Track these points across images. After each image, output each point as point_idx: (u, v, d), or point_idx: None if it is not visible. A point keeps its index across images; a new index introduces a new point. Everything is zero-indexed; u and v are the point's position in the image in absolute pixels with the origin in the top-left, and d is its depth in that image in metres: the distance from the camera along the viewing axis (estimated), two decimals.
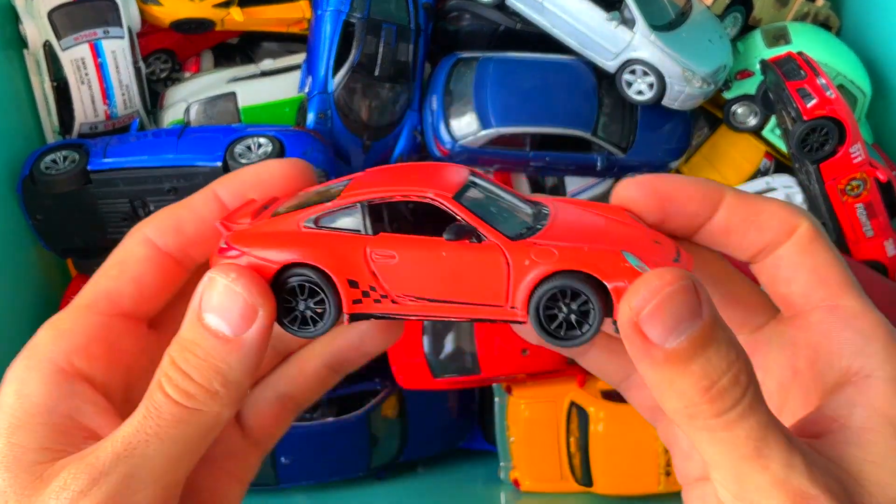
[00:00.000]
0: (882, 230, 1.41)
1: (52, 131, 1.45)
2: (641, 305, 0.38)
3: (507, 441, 1.43)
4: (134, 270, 0.48)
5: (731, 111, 1.56)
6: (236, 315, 0.42)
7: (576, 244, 0.43)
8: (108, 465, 0.40)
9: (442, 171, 0.48)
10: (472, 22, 1.55)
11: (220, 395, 0.42)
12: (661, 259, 0.42)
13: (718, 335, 0.38)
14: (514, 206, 0.47)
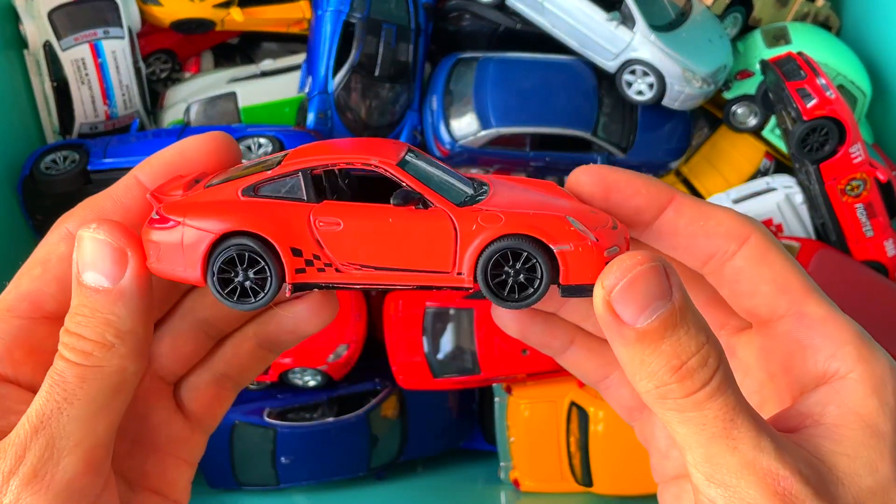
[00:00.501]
0: (882, 230, 1.41)
1: (52, 131, 1.45)
2: (613, 284, 0.39)
3: (507, 441, 1.43)
4: (57, 269, 0.46)
5: (731, 111, 1.56)
6: (108, 264, 0.42)
7: (521, 210, 0.43)
8: (27, 440, 0.41)
9: (381, 144, 0.47)
10: (472, 22, 1.55)
11: (116, 346, 0.42)
12: (600, 226, 0.43)
13: (688, 317, 0.39)
14: (454, 177, 0.47)
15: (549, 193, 0.47)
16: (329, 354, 1.41)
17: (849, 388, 0.42)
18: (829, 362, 0.43)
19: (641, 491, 1.36)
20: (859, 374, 0.42)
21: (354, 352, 1.44)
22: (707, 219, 0.46)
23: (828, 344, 0.43)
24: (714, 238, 0.46)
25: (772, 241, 0.46)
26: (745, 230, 0.45)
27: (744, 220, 0.46)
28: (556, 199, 0.46)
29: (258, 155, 1.32)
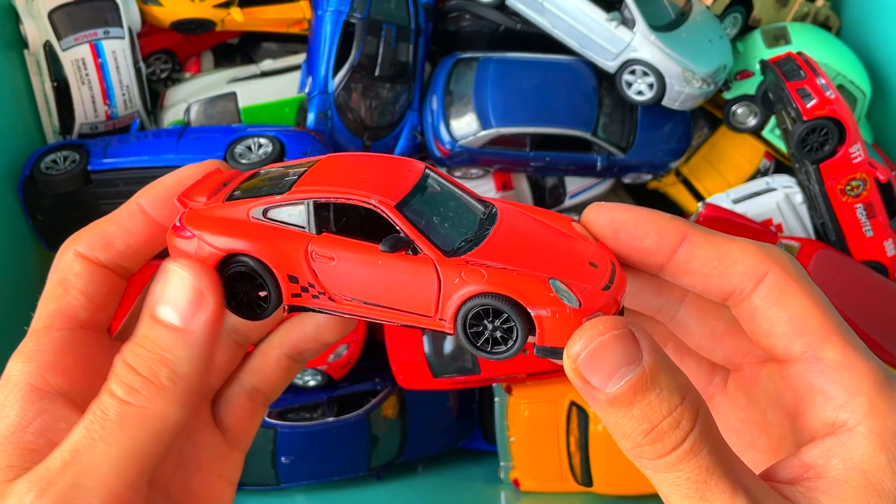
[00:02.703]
0: (882, 230, 1.41)
1: (53, 131, 1.45)
2: (578, 353, 0.40)
3: (507, 441, 1.43)
4: (78, 284, 0.48)
5: (731, 111, 1.56)
6: (185, 303, 0.42)
7: (506, 265, 0.43)
8: (55, 475, 0.40)
9: (396, 169, 0.47)
10: (472, 22, 1.56)
11: (167, 389, 0.42)
12: (590, 285, 0.43)
13: (660, 380, 0.39)
14: (462, 211, 0.47)
15: (556, 235, 0.47)
16: (329, 354, 1.41)
17: (855, 442, 0.40)
18: (838, 412, 0.41)
19: (641, 491, 1.36)
20: (868, 428, 0.40)
21: (354, 352, 1.44)
22: (722, 258, 0.44)
23: (840, 393, 0.42)
24: (730, 277, 0.44)
25: (793, 277, 0.44)
26: (761, 267, 0.44)
27: (761, 255, 0.44)
28: (560, 244, 0.46)
29: (258, 155, 1.32)
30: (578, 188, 1.61)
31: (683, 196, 1.63)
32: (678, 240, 0.45)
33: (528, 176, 1.59)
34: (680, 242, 0.45)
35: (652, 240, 0.45)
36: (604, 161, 1.51)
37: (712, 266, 0.44)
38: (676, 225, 0.45)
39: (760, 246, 0.44)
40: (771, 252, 0.44)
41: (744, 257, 0.44)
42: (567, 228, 0.47)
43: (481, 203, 0.48)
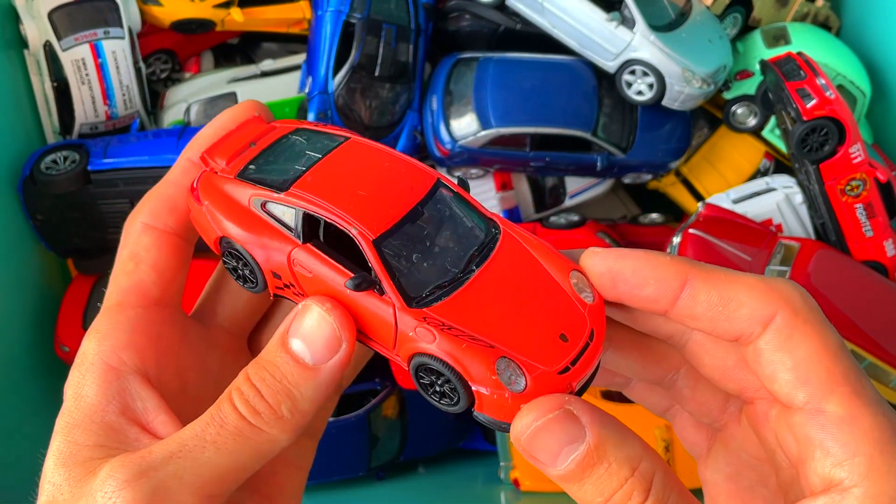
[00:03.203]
0: (882, 230, 1.41)
1: (53, 131, 1.45)
2: (520, 434, 0.40)
3: (508, 441, 1.43)
4: (148, 258, 0.49)
5: (731, 111, 1.56)
6: (321, 344, 0.43)
7: (463, 330, 0.42)
8: (158, 462, 0.41)
9: (401, 184, 0.46)
10: (472, 22, 1.56)
11: (286, 420, 0.43)
12: (546, 367, 0.42)
13: (608, 454, 0.39)
14: (454, 243, 0.45)
15: (540, 290, 0.44)
16: None
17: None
18: (835, 469, 0.40)
19: None
20: (864, 491, 0.38)
21: None
22: (726, 302, 0.42)
23: (839, 450, 0.40)
24: (736, 322, 0.42)
25: (802, 318, 0.41)
26: (768, 309, 0.42)
27: (768, 295, 0.42)
28: (537, 305, 0.44)
29: None
30: (578, 188, 1.61)
31: (683, 196, 1.63)
32: (679, 285, 0.43)
33: (528, 176, 1.59)
34: (681, 288, 0.43)
35: (652, 288, 0.43)
36: (604, 161, 1.51)
37: (717, 311, 0.42)
38: (676, 269, 0.43)
39: (768, 283, 0.42)
40: (780, 290, 0.42)
41: (749, 300, 0.42)
42: (562, 276, 0.45)
43: (487, 225, 0.47)
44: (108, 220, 1.38)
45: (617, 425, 0.40)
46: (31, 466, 1.36)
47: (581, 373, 0.43)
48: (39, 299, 1.43)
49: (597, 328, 0.44)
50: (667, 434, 1.33)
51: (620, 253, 0.44)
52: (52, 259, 1.47)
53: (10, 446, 1.26)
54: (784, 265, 1.33)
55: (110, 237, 1.40)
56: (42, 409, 1.39)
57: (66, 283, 1.47)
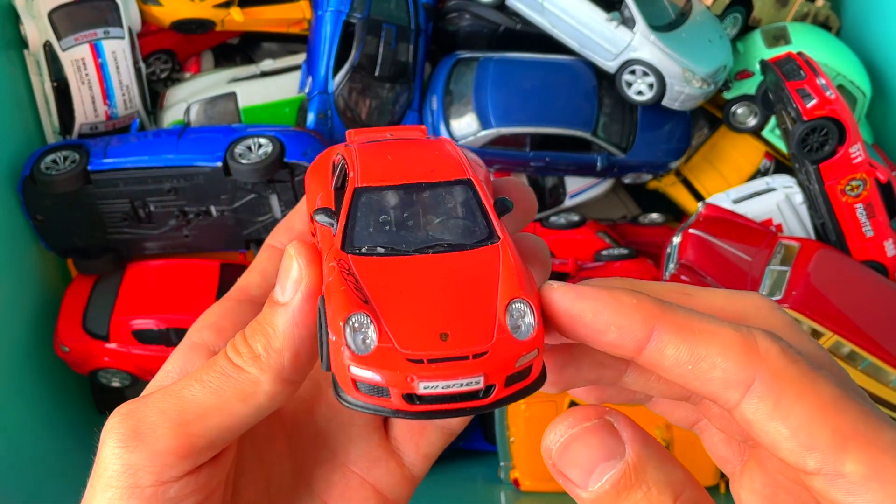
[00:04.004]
0: (882, 230, 1.41)
1: (53, 131, 1.45)
2: (552, 444, 0.36)
3: (507, 441, 1.43)
4: (259, 266, 0.53)
5: (731, 111, 1.56)
6: (288, 281, 0.44)
7: (353, 284, 0.41)
8: (149, 398, 0.43)
9: (429, 167, 0.46)
10: (472, 22, 1.56)
11: (262, 359, 0.43)
12: (401, 346, 0.38)
13: (648, 476, 0.35)
14: (430, 229, 0.44)
15: (469, 302, 0.41)
16: None
17: None
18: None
19: None
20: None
21: None
22: (697, 360, 0.37)
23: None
24: (709, 384, 0.37)
25: (786, 379, 0.36)
26: (745, 373, 0.36)
27: (744, 356, 0.36)
28: (445, 308, 0.40)
29: (258, 155, 1.32)
30: (578, 188, 1.61)
31: (683, 196, 1.63)
32: (644, 335, 0.38)
33: (528, 176, 1.59)
34: (647, 338, 0.38)
35: (614, 335, 0.38)
36: (604, 161, 1.51)
37: (686, 369, 0.37)
38: (642, 316, 0.38)
39: (743, 338, 0.37)
40: (755, 346, 0.36)
41: (723, 361, 0.36)
42: (506, 302, 0.41)
43: (486, 235, 0.44)
44: (108, 220, 1.38)
45: (659, 447, 0.36)
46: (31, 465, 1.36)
47: (434, 376, 0.38)
48: (39, 299, 1.43)
49: (503, 364, 0.38)
50: (667, 434, 1.33)
51: (580, 292, 0.39)
52: (52, 259, 1.47)
53: (10, 446, 1.26)
54: (784, 265, 1.33)
55: (110, 237, 1.40)
56: (42, 409, 1.39)
57: (66, 283, 1.47)
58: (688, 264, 1.34)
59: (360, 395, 0.39)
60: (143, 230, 1.40)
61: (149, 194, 1.35)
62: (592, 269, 1.49)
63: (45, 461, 1.33)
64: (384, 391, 0.38)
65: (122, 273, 1.43)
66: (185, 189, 1.34)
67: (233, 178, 1.33)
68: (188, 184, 1.34)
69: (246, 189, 1.35)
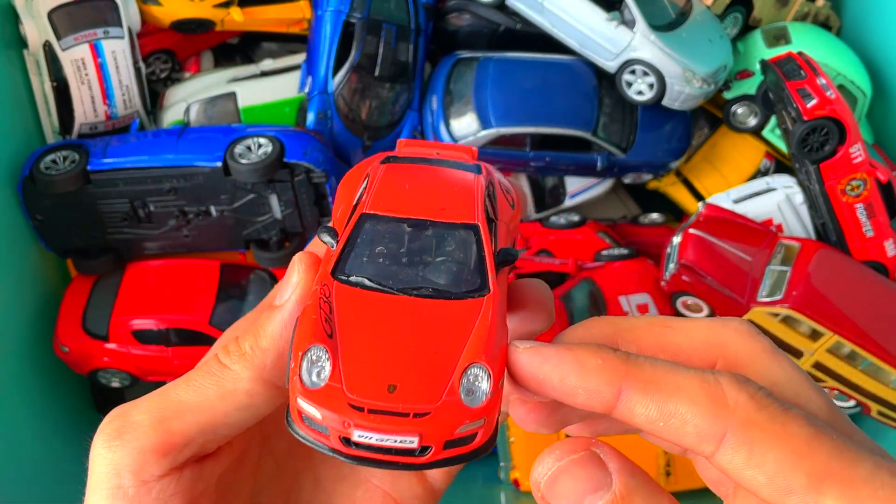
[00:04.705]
0: (882, 230, 1.41)
1: (52, 131, 1.45)
2: (540, 477, 0.36)
3: (507, 441, 1.43)
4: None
5: (731, 111, 1.55)
6: (284, 285, 0.45)
7: (326, 315, 0.41)
8: (141, 398, 0.44)
9: (441, 204, 0.45)
10: (472, 22, 1.55)
11: (247, 356, 0.44)
12: (348, 389, 0.38)
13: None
14: (422, 270, 0.43)
15: (431, 357, 0.40)
16: None
17: None
18: None
19: None
20: None
21: None
22: (668, 417, 0.37)
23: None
24: (683, 438, 0.37)
25: (758, 427, 0.36)
26: (716, 427, 0.36)
27: (711, 410, 0.36)
28: (405, 360, 0.40)
29: (258, 155, 1.32)
30: (578, 188, 1.61)
31: (683, 196, 1.63)
32: (612, 396, 0.38)
33: (528, 176, 1.59)
34: (616, 398, 0.38)
35: (582, 397, 0.38)
36: (604, 161, 1.50)
37: (657, 426, 0.38)
38: (607, 377, 0.38)
39: (711, 387, 0.37)
40: (725, 398, 0.37)
41: (692, 416, 0.36)
42: (464, 365, 0.40)
43: (477, 286, 0.43)
44: (108, 220, 1.38)
45: (646, 477, 0.37)
46: (30, 464, 1.36)
47: (370, 428, 0.38)
48: (39, 299, 1.43)
49: (443, 429, 0.38)
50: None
51: (545, 356, 0.39)
52: (52, 259, 1.47)
53: (10, 445, 1.25)
54: (784, 265, 1.33)
55: (110, 237, 1.40)
56: (42, 409, 1.39)
57: (66, 283, 1.47)
58: (688, 264, 1.34)
59: (303, 426, 0.39)
60: (142, 230, 1.40)
61: (149, 194, 1.35)
62: (592, 269, 1.49)
63: (44, 461, 1.33)
64: (324, 429, 0.39)
65: (122, 273, 1.43)
66: (185, 189, 1.34)
67: (233, 178, 1.33)
68: (188, 184, 1.34)
69: (246, 189, 1.35)
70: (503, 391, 0.40)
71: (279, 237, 1.42)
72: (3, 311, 1.32)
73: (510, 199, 0.49)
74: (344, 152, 1.48)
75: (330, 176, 1.34)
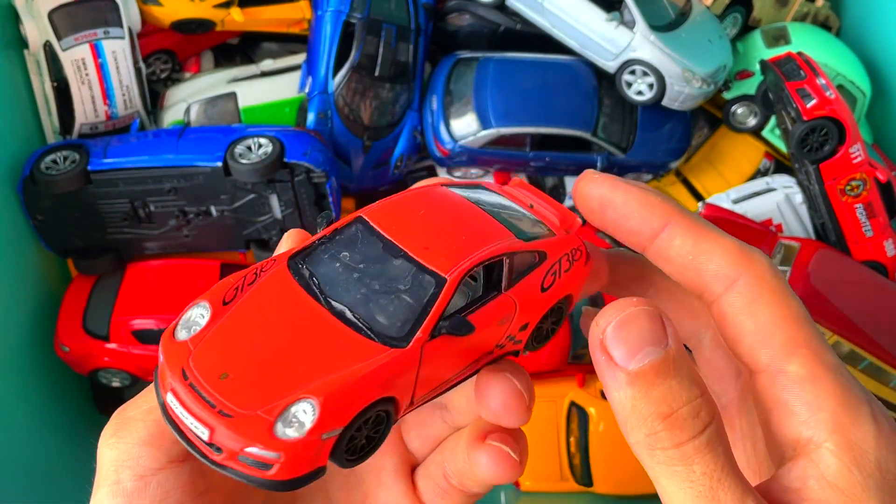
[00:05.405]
0: (882, 230, 1.41)
1: (53, 131, 1.45)
2: (607, 322, 0.39)
3: None
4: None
5: (731, 111, 1.56)
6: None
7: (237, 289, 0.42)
8: (140, 394, 0.45)
9: (433, 240, 0.42)
10: (472, 22, 1.56)
11: None
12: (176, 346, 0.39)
13: (682, 370, 0.38)
14: (366, 289, 0.41)
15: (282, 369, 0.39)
16: None
17: (826, 460, 0.39)
18: (801, 428, 0.40)
19: (641, 491, 1.36)
20: (835, 444, 0.39)
21: None
22: (698, 253, 0.43)
23: (803, 409, 0.40)
24: (702, 274, 0.43)
25: (766, 285, 0.42)
26: (735, 270, 0.42)
27: (738, 257, 0.42)
28: (257, 362, 0.39)
29: (258, 155, 1.32)
30: None
31: (683, 196, 1.63)
32: (660, 224, 0.44)
33: (528, 176, 1.59)
34: (662, 227, 0.44)
35: (636, 221, 0.44)
36: (604, 161, 1.51)
37: (687, 259, 0.43)
38: (662, 209, 0.44)
39: (741, 247, 0.43)
40: (750, 255, 0.43)
41: (719, 257, 0.43)
42: (298, 394, 0.38)
43: (400, 330, 0.41)
44: (108, 220, 1.38)
45: (685, 349, 0.40)
46: (31, 464, 1.36)
47: (178, 396, 0.38)
48: (39, 299, 1.43)
49: (234, 438, 0.36)
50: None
51: (615, 183, 0.45)
52: (52, 259, 1.47)
53: (10, 445, 1.26)
54: (784, 265, 1.33)
55: (110, 237, 1.40)
56: (42, 409, 1.39)
57: (66, 283, 1.47)
58: None
59: (157, 368, 0.40)
60: (143, 230, 1.40)
61: (149, 194, 1.35)
62: None
63: (45, 461, 1.33)
64: (160, 379, 0.39)
65: (122, 273, 1.43)
66: (185, 189, 1.34)
67: (233, 178, 1.33)
68: (188, 184, 1.34)
69: (246, 189, 1.35)
70: (327, 444, 0.37)
71: (279, 237, 1.42)
72: (4, 311, 1.32)
73: (561, 287, 0.46)
74: (344, 152, 1.48)
75: (330, 176, 1.34)
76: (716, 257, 0.43)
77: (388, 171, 1.53)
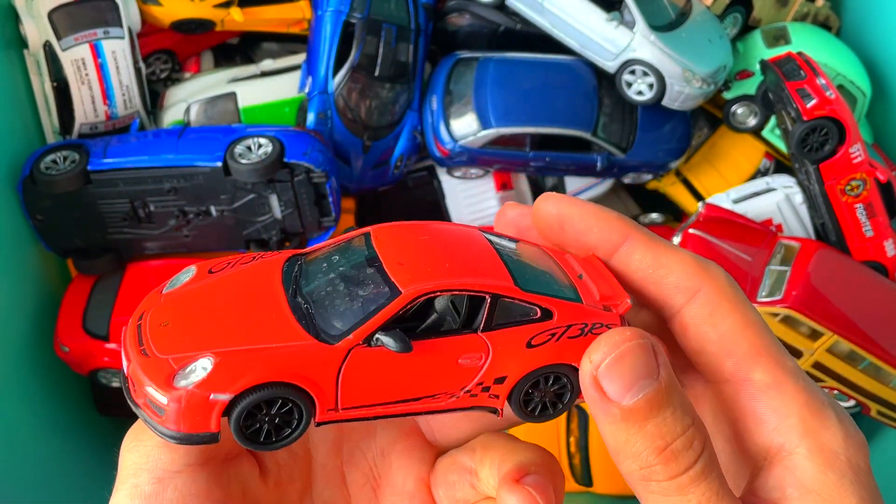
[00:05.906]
0: (882, 230, 1.41)
1: (52, 131, 1.45)
2: (601, 359, 0.39)
3: None
4: None
5: (731, 111, 1.56)
6: None
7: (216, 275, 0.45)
8: None
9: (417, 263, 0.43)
10: (472, 22, 1.56)
11: None
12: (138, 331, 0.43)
13: (674, 398, 0.39)
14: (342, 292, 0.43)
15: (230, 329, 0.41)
16: None
17: (801, 466, 0.40)
18: (772, 436, 0.41)
19: None
20: (807, 449, 0.40)
21: None
22: (657, 267, 0.44)
23: (771, 416, 0.41)
24: (662, 287, 0.44)
25: (725, 296, 0.43)
26: (694, 282, 0.43)
27: (696, 270, 0.43)
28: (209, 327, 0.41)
29: (258, 155, 1.32)
30: (578, 188, 1.61)
31: (683, 196, 1.63)
32: (620, 238, 0.45)
33: (528, 176, 1.59)
34: (622, 241, 0.45)
35: (595, 236, 0.45)
36: (604, 161, 1.51)
37: (647, 272, 0.44)
38: (620, 224, 0.45)
39: (698, 261, 0.44)
40: (707, 268, 0.44)
41: (679, 270, 0.43)
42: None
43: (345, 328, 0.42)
44: (108, 220, 1.38)
45: (673, 375, 0.40)
46: (30, 465, 1.36)
47: (127, 327, 0.42)
48: (39, 299, 1.43)
49: (138, 373, 0.40)
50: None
51: (572, 200, 0.46)
52: (52, 259, 1.47)
53: (10, 445, 1.26)
54: (784, 265, 1.33)
55: (110, 237, 1.40)
56: (42, 409, 1.39)
57: (66, 283, 1.47)
58: None
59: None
60: (143, 230, 1.40)
61: (149, 194, 1.35)
62: None
63: (44, 461, 1.33)
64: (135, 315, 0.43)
65: (122, 273, 1.43)
66: (185, 189, 1.34)
67: (233, 178, 1.33)
68: (188, 184, 1.34)
69: (246, 189, 1.35)
70: (217, 408, 0.38)
71: (279, 237, 1.42)
72: (3, 311, 1.32)
73: (556, 352, 0.44)
74: (344, 152, 1.48)
75: (330, 176, 1.34)
76: (675, 270, 0.43)
77: (388, 170, 1.53)
